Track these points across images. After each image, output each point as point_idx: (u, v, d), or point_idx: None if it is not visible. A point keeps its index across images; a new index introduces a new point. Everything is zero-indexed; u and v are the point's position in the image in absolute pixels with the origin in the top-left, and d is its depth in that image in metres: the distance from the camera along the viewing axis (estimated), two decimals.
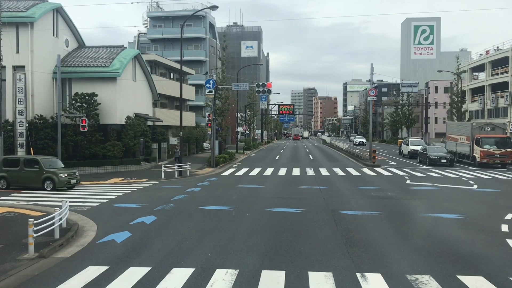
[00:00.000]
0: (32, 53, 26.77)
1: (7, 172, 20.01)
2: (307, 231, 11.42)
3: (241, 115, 61.79)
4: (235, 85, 33.59)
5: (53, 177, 19.31)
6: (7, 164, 20.22)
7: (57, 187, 19.27)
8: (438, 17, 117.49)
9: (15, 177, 19.93)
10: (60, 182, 19.36)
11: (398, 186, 20.55)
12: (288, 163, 34.98)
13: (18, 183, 19.94)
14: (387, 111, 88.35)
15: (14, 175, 19.91)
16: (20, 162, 19.95)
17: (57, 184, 19.29)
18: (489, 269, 8.34)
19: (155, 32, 61.00)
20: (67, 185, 19.70)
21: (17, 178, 19.92)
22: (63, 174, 19.56)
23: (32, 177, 19.61)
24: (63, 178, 19.48)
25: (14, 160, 20.41)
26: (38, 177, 19.45)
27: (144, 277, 7.98)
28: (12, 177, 19.95)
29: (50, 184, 19.34)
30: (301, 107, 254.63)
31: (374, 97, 34.86)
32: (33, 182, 19.60)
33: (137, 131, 29.74)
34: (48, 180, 19.36)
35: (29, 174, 19.69)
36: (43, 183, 19.37)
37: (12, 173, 19.93)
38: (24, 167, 19.75)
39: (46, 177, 19.36)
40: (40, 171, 19.46)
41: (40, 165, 19.50)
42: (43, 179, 19.37)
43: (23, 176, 19.77)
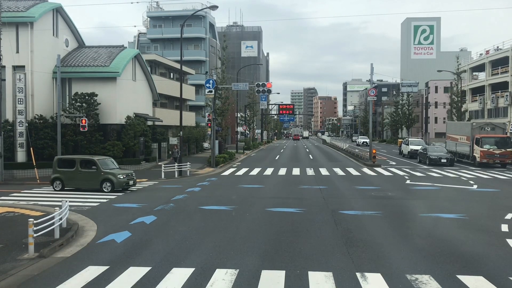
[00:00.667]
0: (32, 53, 26.76)
1: (62, 173, 19.28)
2: (307, 231, 11.42)
3: (241, 115, 61.78)
4: (235, 85, 33.59)
5: (112, 179, 18.67)
6: (62, 165, 19.50)
7: (116, 188, 18.65)
8: (438, 17, 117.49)
9: (70, 178, 19.21)
10: (119, 183, 18.75)
11: (398, 186, 20.55)
12: (288, 163, 34.98)
13: (73, 185, 19.29)
14: (387, 111, 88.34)
15: (70, 176, 19.18)
16: (76, 162, 19.20)
17: (116, 185, 18.65)
18: (489, 269, 8.34)
19: (155, 32, 60.99)
20: (125, 186, 19.08)
21: (72, 179, 19.20)
22: (122, 176, 18.95)
23: (90, 178, 18.95)
24: (121, 180, 18.88)
25: (70, 160, 19.66)
26: (95, 178, 18.82)
27: (144, 277, 7.98)
28: (68, 178, 19.23)
29: (109, 185, 18.70)
30: (301, 107, 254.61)
31: (374, 97, 34.87)
32: (90, 184, 18.98)
33: (137, 131, 29.74)
34: (107, 182, 18.72)
35: (86, 175, 19.01)
36: (101, 184, 18.75)
37: (67, 174, 19.21)
38: (80, 168, 19.05)
39: (105, 178, 18.72)
40: (97, 172, 18.82)
41: (97, 166, 18.86)
42: (101, 180, 18.73)
43: (79, 177, 19.07)
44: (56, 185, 19.38)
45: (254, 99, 66.17)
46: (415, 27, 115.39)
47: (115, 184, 18.64)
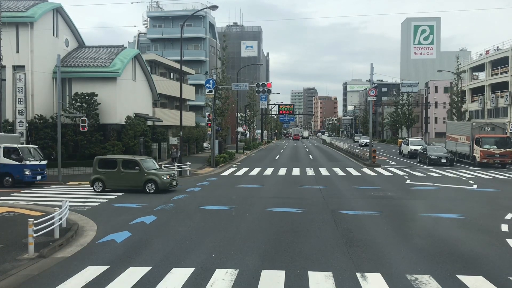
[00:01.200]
0: (32, 53, 26.77)
1: (104, 173, 18.83)
2: (307, 231, 11.42)
3: (241, 115, 61.77)
4: (235, 85, 33.59)
5: (156, 179, 18.31)
6: (103, 165, 19.03)
7: (160, 189, 18.31)
8: (438, 17, 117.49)
9: (112, 179, 18.77)
10: (163, 184, 18.41)
11: (398, 186, 20.55)
12: (288, 163, 34.98)
13: (115, 185, 18.82)
14: (387, 111, 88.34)
15: (111, 177, 18.74)
16: (118, 163, 18.75)
17: (160, 186, 18.31)
18: (489, 269, 8.34)
19: (155, 32, 60.99)
20: (168, 187, 18.73)
21: (114, 180, 18.77)
22: (165, 176, 18.60)
23: (132, 179, 18.55)
24: (165, 180, 18.53)
25: (111, 160, 19.22)
26: (139, 179, 18.42)
27: (144, 277, 7.98)
28: (109, 179, 18.79)
29: (153, 186, 18.31)
30: (301, 107, 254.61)
31: (374, 97, 34.86)
32: (133, 185, 18.56)
33: (137, 131, 29.74)
34: (151, 183, 18.34)
35: (128, 176, 18.59)
36: (145, 185, 18.36)
37: (109, 175, 18.76)
38: (122, 169, 18.64)
39: (149, 179, 18.33)
40: (140, 173, 18.41)
41: (140, 166, 18.46)
42: (144, 181, 18.36)
43: (121, 178, 18.66)
44: (96, 186, 18.91)
45: (254, 99, 66.16)
46: (415, 27, 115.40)
47: (159, 185, 18.31)
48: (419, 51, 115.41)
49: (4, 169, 20.73)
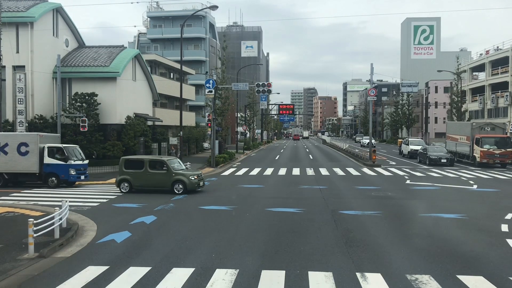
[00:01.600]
0: (32, 53, 26.77)
1: (130, 174, 18.50)
2: (307, 231, 11.42)
3: (241, 115, 61.76)
4: (235, 85, 33.59)
5: (184, 180, 18.06)
6: (130, 166, 18.70)
7: (188, 189, 18.10)
8: (438, 17, 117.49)
9: (139, 180, 18.45)
10: (191, 184, 18.19)
11: (398, 186, 20.55)
12: (288, 163, 34.98)
13: (142, 186, 18.50)
14: (387, 111, 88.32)
15: (138, 178, 18.43)
16: (145, 163, 18.45)
17: (188, 186, 18.08)
18: (489, 269, 8.34)
19: (155, 32, 61.00)
20: (196, 187, 18.53)
21: (141, 181, 18.46)
22: (193, 177, 18.38)
23: (160, 179, 18.28)
24: (194, 181, 18.31)
25: (137, 161, 18.93)
26: (167, 180, 18.16)
27: (144, 277, 7.98)
28: (136, 179, 18.45)
29: (181, 187, 18.10)
30: (301, 107, 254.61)
31: (374, 97, 34.85)
32: (161, 185, 18.30)
33: (137, 131, 29.74)
34: (179, 183, 18.10)
35: (156, 177, 18.33)
36: (173, 185, 18.12)
37: (135, 176, 18.44)
38: (149, 169, 18.36)
39: (177, 179, 18.10)
40: (168, 173, 18.18)
41: (168, 166, 18.22)
42: (172, 182, 18.11)
43: (148, 178, 18.37)
44: (123, 187, 18.59)
45: (254, 99, 66.16)
46: (415, 27, 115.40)
47: (188, 186, 18.10)
48: (419, 51, 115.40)
49: (49, 169, 20.56)
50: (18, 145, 20.47)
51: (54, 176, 20.62)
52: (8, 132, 23.05)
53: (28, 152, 20.44)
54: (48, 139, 21.54)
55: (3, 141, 20.48)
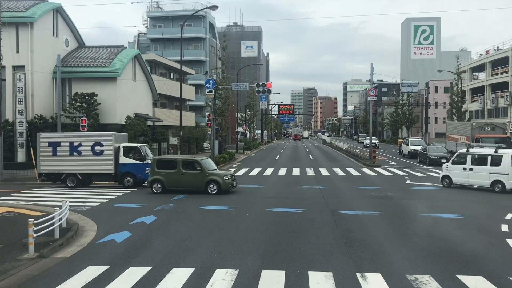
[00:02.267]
0: (32, 53, 26.78)
1: (163, 174, 18.30)
2: (307, 231, 11.42)
3: (241, 115, 61.77)
4: (235, 85, 33.57)
5: (219, 180, 17.84)
6: (162, 166, 18.54)
7: (222, 189, 17.85)
8: (438, 17, 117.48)
9: (172, 180, 18.22)
10: (225, 185, 17.94)
11: (398, 186, 20.54)
12: (288, 163, 34.97)
13: (175, 186, 18.23)
14: (387, 111, 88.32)
15: (171, 178, 18.21)
16: (178, 163, 18.29)
17: (222, 187, 17.83)
18: (489, 269, 8.34)
19: (155, 32, 61.00)
20: (230, 188, 18.31)
21: (174, 181, 18.22)
22: (227, 177, 18.22)
23: (194, 180, 18.06)
24: (228, 181, 18.08)
25: (170, 161, 18.78)
26: (200, 180, 17.92)
27: (144, 277, 7.98)
28: (169, 180, 18.22)
29: (215, 187, 17.83)
30: (301, 107, 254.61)
31: (374, 97, 34.83)
32: (194, 186, 18.06)
33: (137, 131, 29.74)
34: (213, 183, 17.85)
35: (189, 177, 18.14)
36: (206, 186, 17.87)
37: (168, 176, 18.24)
38: (182, 169, 18.18)
39: (211, 180, 17.86)
40: (202, 173, 17.95)
41: (202, 167, 18.02)
42: (206, 182, 17.87)
43: (182, 179, 18.15)
44: (155, 187, 18.35)
45: (254, 99, 66.15)
46: (415, 27, 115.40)
47: (222, 186, 17.85)
48: (419, 51, 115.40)
49: (125, 169, 20.40)
50: (93, 145, 20.25)
51: (130, 175, 20.38)
52: (83, 132, 22.82)
53: (103, 152, 20.17)
54: (120, 138, 21.40)
55: (77, 141, 20.33)
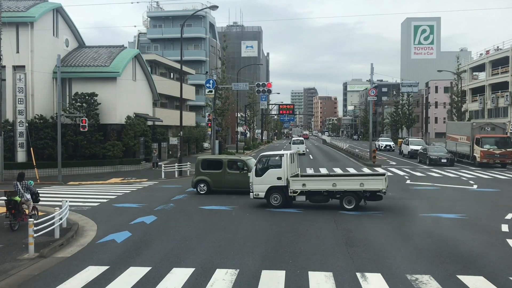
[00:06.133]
0: (32, 53, 26.77)
1: (208, 175, 18.11)
2: (307, 231, 11.42)
3: (241, 115, 61.74)
4: (235, 85, 33.59)
5: None
6: (208, 167, 18.35)
7: None
8: (438, 17, 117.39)
9: (217, 181, 18.01)
10: None
11: (398, 186, 20.53)
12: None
13: (221, 187, 18.06)
14: (387, 111, 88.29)
15: (217, 179, 18.01)
16: (223, 164, 18.11)
17: None
18: (489, 269, 8.34)
19: (155, 32, 60.98)
20: None
21: (220, 182, 18.01)
22: None
23: (240, 181, 17.69)
24: None
25: (216, 161, 18.60)
26: (247, 180, 16.77)
27: (144, 277, 7.98)
28: (215, 180, 18.03)
29: None
30: (301, 107, 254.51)
31: (374, 97, 34.84)
32: (240, 186, 17.56)
33: (137, 131, 29.75)
34: None
35: (235, 178, 17.89)
36: None
37: (214, 176, 18.05)
38: (228, 170, 18.01)
39: None
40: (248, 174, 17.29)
41: (248, 167, 17.67)
42: None
43: (227, 179, 17.95)
44: (200, 187, 18.16)
45: (254, 99, 66.12)
46: (415, 27, 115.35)
47: None
48: (419, 51, 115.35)
49: None
50: None
51: None
52: None
53: None
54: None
55: None
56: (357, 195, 14.19)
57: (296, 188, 14.36)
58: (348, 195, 14.19)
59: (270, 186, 14.78)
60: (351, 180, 14.49)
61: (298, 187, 14.36)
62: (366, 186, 13.99)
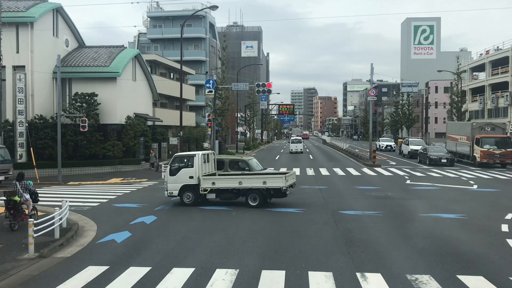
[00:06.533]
0: (32, 53, 26.76)
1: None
2: (307, 231, 11.42)
3: (241, 115, 61.75)
4: (235, 85, 33.59)
5: None
6: None
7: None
8: (438, 17, 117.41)
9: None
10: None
11: (398, 186, 20.54)
12: (288, 162, 34.97)
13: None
14: (387, 111, 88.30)
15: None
16: (225, 164, 17.87)
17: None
18: (489, 269, 8.34)
19: (155, 32, 61.00)
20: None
21: None
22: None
23: None
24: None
25: (217, 161, 17.99)
26: None
27: (144, 277, 7.98)
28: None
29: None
30: (301, 107, 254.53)
31: (374, 97, 34.82)
32: None
33: (137, 131, 29.74)
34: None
35: None
36: None
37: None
38: (230, 170, 17.75)
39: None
40: None
41: (250, 167, 17.61)
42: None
43: None
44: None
45: (254, 99, 66.14)
46: (415, 27, 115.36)
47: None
48: (419, 51, 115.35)
49: None
50: None
51: None
52: None
53: None
54: None
55: None
56: (261, 192, 14.85)
57: (206, 186, 15.09)
58: (253, 193, 14.88)
59: (183, 185, 15.44)
60: (255, 178, 15.12)
61: (208, 186, 15.08)
62: (268, 184, 14.74)
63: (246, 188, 14.85)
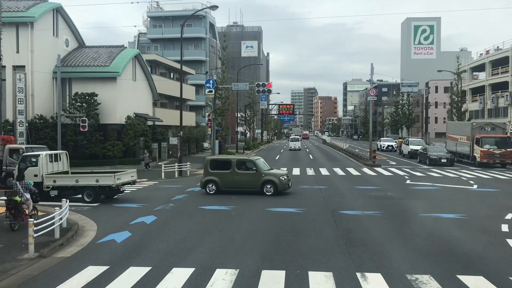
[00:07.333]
0: (32, 53, 26.78)
1: (217, 175, 18.01)
2: (307, 231, 11.42)
3: (241, 115, 61.75)
4: (235, 85, 33.58)
5: (275, 181, 17.40)
6: (216, 167, 18.26)
7: (279, 190, 17.46)
8: (438, 17, 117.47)
9: (226, 181, 17.91)
10: (282, 185, 17.49)
11: (398, 186, 20.54)
12: (288, 162, 34.96)
13: (230, 187, 17.93)
14: (387, 111, 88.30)
15: (226, 179, 17.91)
16: (232, 164, 17.95)
17: (279, 187, 17.41)
18: (489, 269, 8.34)
19: (155, 32, 61.01)
20: (287, 188, 17.91)
21: (229, 182, 17.91)
22: (283, 177, 17.71)
23: (249, 180, 17.72)
24: (284, 181, 17.62)
25: (224, 161, 18.55)
26: (256, 180, 17.53)
27: (144, 277, 7.98)
28: (224, 180, 17.93)
29: (271, 189, 17.39)
30: (301, 107, 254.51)
31: (374, 97, 34.81)
32: (250, 186, 17.72)
33: (137, 131, 29.75)
34: (270, 184, 17.42)
35: (244, 178, 17.81)
36: (262, 187, 17.47)
37: (223, 177, 17.95)
38: (237, 170, 17.85)
39: (266, 180, 17.45)
40: (257, 173, 17.60)
41: (257, 167, 17.72)
42: (262, 182, 17.48)
43: (236, 179, 17.81)
44: (209, 188, 18.06)
45: (254, 99, 66.15)
46: (415, 27, 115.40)
47: (278, 186, 17.41)
48: (419, 51, 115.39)
49: None
50: None
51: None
52: None
53: None
54: None
55: None
56: (95, 189, 16.10)
57: (48, 184, 16.25)
58: (88, 190, 16.13)
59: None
60: (89, 177, 16.53)
61: (50, 183, 16.24)
62: (100, 182, 16.04)
63: (82, 186, 16.12)
